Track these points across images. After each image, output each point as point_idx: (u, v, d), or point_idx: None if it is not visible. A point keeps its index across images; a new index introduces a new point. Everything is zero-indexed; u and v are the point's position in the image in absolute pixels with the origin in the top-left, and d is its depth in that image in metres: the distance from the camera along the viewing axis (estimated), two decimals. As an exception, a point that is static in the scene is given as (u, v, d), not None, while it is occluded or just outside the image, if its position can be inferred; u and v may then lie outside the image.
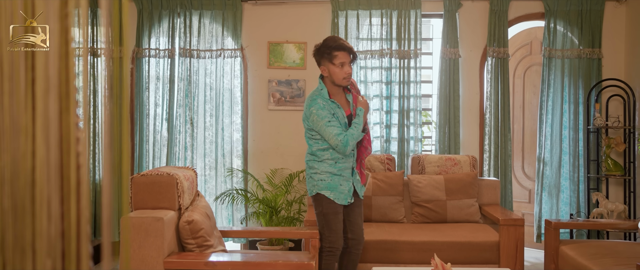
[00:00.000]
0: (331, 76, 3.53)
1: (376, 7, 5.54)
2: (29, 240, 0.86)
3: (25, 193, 0.88)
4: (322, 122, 3.47)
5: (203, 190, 5.66)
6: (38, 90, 0.94)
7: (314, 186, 3.62)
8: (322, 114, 3.47)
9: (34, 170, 0.90)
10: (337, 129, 3.46)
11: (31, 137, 0.90)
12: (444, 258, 4.31)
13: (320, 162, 3.58)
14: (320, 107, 3.48)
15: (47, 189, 0.91)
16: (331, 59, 3.48)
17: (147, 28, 5.58)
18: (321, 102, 3.51)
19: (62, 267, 0.89)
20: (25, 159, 0.90)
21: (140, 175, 3.30)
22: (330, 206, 3.57)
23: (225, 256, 3.25)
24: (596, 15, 5.48)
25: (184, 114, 5.61)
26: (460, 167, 5.08)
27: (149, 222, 3.07)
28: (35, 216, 0.89)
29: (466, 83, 5.63)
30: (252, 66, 5.68)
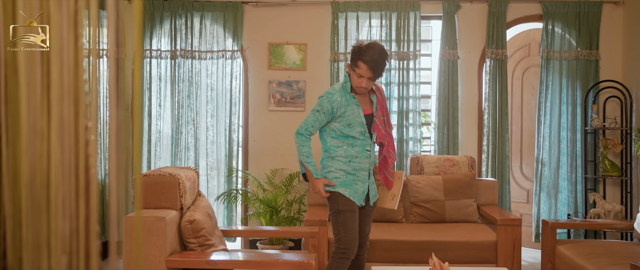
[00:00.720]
0: (352, 80, 3.45)
1: (376, 8, 5.59)
2: (44, 238, 0.91)
3: (41, 193, 0.93)
4: (315, 108, 3.46)
5: (204, 190, 5.71)
6: (53, 95, 0.99)
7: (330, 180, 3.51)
8: (324, 104, 3.43)
9: (49, 171, 0.95)
10: (311, 122, 3.45)
11: (47, 140, 0.96)
12: (442, 258, 4.35)
13: (332, 159, 3.47)
14: (330, 101, 3.42)
15: (62, 189, 0.97)
16: (354, 67, 3.39)
17: (149, 29, 5.63)
18: (338, 97, 3.43)
19: (76, 264, 0.94)
20: (41, 161, 0.95)
21: (143, 175, 3.35)
22: (347, 204, 3.44)
23: (226, 255, 3.31)
24: (594, 17, 5.53)
25: (185, 114, 5.66)
26: (459, 168, 5.13)
27: (151, 221, 3.13)
28: (50, 215, 0.94)
29: (465, 84, 5.69)
30: (252, 67, 5.73)
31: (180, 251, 3.36)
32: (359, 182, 3.49)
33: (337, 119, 3.45)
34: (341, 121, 3.45)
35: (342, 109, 3.43)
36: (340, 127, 3.45)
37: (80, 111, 1.10)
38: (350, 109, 3.44)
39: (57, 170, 0.96)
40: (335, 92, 3.46)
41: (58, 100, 1.00)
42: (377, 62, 3.32)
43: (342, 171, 3.46)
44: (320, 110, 3.44)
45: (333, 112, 3.44)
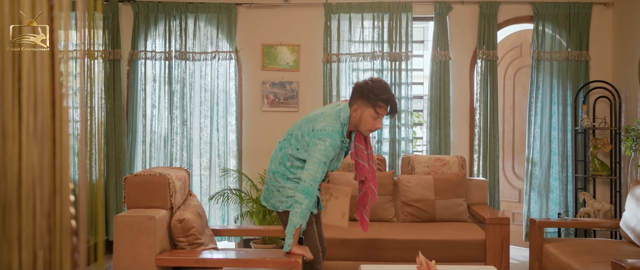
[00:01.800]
0: (360, 121, 3.14)
1: (368, 10, 5.65)
2: (15, 235, 0.96)
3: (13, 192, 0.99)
4: (320, 158, 3.06)
5: (198, 190, 5.77)
6: (23, 98, 1.05)
7: (280, 202, 3.27)
8: (330, 153, 3.09)
9: (21, 171, 1.01)
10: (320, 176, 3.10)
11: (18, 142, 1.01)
12: (432, 256, 4.41)
13: (289, 180, 3.24)
14: (334, 147, 3.10)
15: (32, 188, 1.02)
16: (375, 106, 3.09)
17: (143, 31, 5.69)
18: (338, 142, 3.13)
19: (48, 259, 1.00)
20: (12, 162, 1.01)
21: (134, 175, 3.41)
22: None
23: (215, 253, 3.36)
24: (584, 19, 5.58)
25: (180, 115, 5.72)
26: (449, 168, 5.19)
27: (141, 220, 3.18)
28: (21, 213, 0.99)
29: (456, 85, 5.74)
30: (246, 68, 5.79)
31: (170, 250, 3.42)
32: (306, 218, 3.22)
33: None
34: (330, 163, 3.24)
35: (334, 154, 3.16)
36: None
37: (60, 113, 1.16)
38: (341, 154, 3.27)
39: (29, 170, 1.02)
40: (335, 136, 3.11)
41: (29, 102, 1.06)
42: (394, 98, 3.12)
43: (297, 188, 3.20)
44: (327, 161, 3.11)
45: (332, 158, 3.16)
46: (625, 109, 5.37)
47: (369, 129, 3.17)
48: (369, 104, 3.09)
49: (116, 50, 5.66)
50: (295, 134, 3.25)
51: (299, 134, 3.22)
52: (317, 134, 3.11)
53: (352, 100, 3.17)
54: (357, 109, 3.13)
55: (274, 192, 3.29)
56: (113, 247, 3.21)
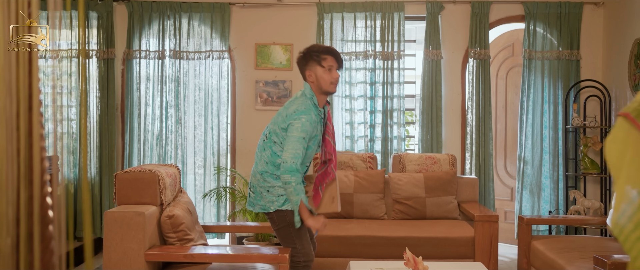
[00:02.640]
0: (318, 81, 3.26)
1: (360, 9, 5.69)
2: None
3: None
4: (299, 135, 3.13)
5: (192, 188, 5.82)
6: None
7: (271, 202, 3.27)
8: (307, 128, 3.16)
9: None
10: (301, 153, 3.14)
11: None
12: (421, 253, 4.44)
13: (278, 178, 3.25)
14: (311, 122, 3.18)
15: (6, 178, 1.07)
16: (320, 61, 3.26)
17: (137, 30, 5.74)
18: (314, 116, 3.21)
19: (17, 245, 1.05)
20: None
21: (124, 172, 3.46)
22: None
23: (204, 249, 3.41)
24: (575, 18, 5.63)
25: (174, 114, 5.77)
26: (440, 166, 5.24)
27: (130, 216, 3.23)
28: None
29: (448, 84, 5.79)
30: (239, 67, 5.84)
31: (160, 245, 3.47)
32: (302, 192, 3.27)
33: (309, 139, 3.24)
34: (310, 141, 3.25)
35: (315, 130, 3.23)
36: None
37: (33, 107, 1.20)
38: (319, 128, 3.29)
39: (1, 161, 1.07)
40: (309, 111, 3.20)
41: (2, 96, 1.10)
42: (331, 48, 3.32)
43: None
44: (306, 137, 3.16)
45: (311, 134, 3.21)
46: (616, 108, 5.42)
47: (330, 83, 3.28)
48: (315, 62, 3.28)
49: (110, 49, 5.70)
50: (272, 129, 3.31)
51: (275, 128, 3.28)
52: (291, 117, 3.19)
53: (303, 71, 3.33)
54: (311, 74, 3.29)
55: (263, 194, 3.30)
56: (103, 242, 3.25)
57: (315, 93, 3.31)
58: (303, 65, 3.33)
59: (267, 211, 3.31)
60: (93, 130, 5.72)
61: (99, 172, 5.70)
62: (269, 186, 3.28)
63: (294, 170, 3.12)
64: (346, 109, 5.76)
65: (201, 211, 5.77)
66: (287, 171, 3.12)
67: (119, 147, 5.80)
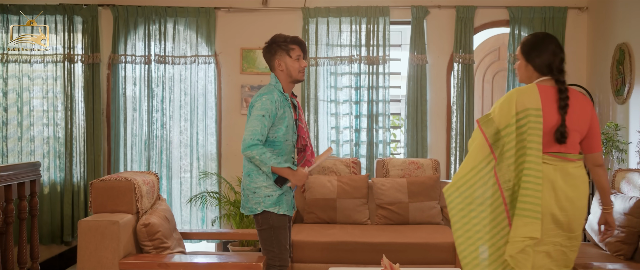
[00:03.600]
0: (288, 70, 3.33)
1: (346, 14, 5.70)
2: None
3: None
4: (258, 113, 3.19)
5: (178, 193, 5.83)
6: None
7: (258, 204, 3.28)
8: (267, 106, 3.20)
9: None
10: (260, 129, 3.17)
11: None
12: (402, 259, 4.46)
13: (263, 173, 3.27)
14: (272, 101, 3.22)
15: None
16: (288, 51, 3.33)
17: (123, 35, 5.74)
18: (277, 96, 3.26)
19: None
20: None
21: (99, 180, 3.47)
22: (280, 220, 3.32)
23: (179, 257, 3.42)
24: (559, 23, 5.63)
25: (160, 118, 5.77)
26: (423, 171, 5.24)
27: (104, 225, 3.24)
28: None
29: (433, 88, 5.79)
30: (225, 72, 5.84)
31: (136, 254, 3.48)
32: (288, 192, 3.37)
33: (277, 121, 3.27)
34: (280, 123, 3.28)
35: (281, 110, 3.27)
36: (276, 130, 3.27)
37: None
38: (287, 110, 3.31)
39: None
40: (271, 92, 3.27)
41: None
42: (297, 37, 3.39)
43: (274, 185, 3.29)
44: (266, 114, 3.19)
45: (276, 114, 3.24)
46: (599, 113, 5.43)
47: (299, 71, 3.37)
48: (284, 52, 3.34)
49: (96, 54, 5.70)
50: None
51: None
52: (254, 101, 3.29)
53: (271, 61, 3.39)
54: (280, 63, 3.35)
55: (250, 196, 3.31)
56: (77, 251, 3.26)
57: (284, 82, 3.39)
58: (271, 55, 3.39)
59: (254, 213, 3.31)
60: (79, 135, 5.72)
61: (85, 176, 5.70)
62: (255, 187, 3.29)
63: (252, 145, 3.17)
64: (332, 113, 5.77)
65: (188, 215, 5.78)
66: (247, 148, 3.17)
67: (105, 152, 5.81)
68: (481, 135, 2.83)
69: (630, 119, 4.85)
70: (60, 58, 5.70)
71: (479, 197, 2.82)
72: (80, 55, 5.71)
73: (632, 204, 3.82)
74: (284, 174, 3.25)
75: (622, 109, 4.99)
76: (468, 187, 2.83)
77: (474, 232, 2.83)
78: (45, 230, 5.64)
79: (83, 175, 5.71)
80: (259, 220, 3.33)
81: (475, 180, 2.82)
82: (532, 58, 2.93)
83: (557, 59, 2.91)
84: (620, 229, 3.87)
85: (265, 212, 3.28)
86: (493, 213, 2.82)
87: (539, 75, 2.93)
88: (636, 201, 3.81)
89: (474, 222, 2.84)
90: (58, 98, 5.73)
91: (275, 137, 3.29)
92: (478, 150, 2.82)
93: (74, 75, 5.72)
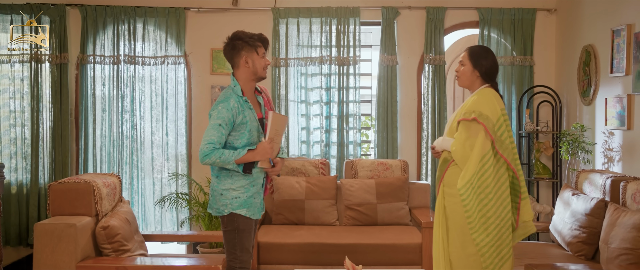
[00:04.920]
0: (255, 67, 3.27)
1: (316, 15, 5.69)
2: None
3: None
4: (214, 122, 3.15)
5: (148, 194, 5.78)
6: None
7: (225, 205, 3.25)
8: (224, 114, 3.15)
9: None
10: (217, 139, 3.14)
11: None
12: (369, 260, 4.48)
13: (231, 176, 3.24)
14: (228, 109, 3.16)
15: None
16: (256, 48, 3.27)
17: (91, 35, 5.68)
18: (234, 103, 3.19)
19: None
20: None
21: (58, 182, 3.43)
22: (247, 223, 3.27)
23: (138, 260, 3.39)
24: (528, 24, 5.67)
25: (130, 119, 5.72)
26: (392, 172, 5.25)
27: (61, 228, 3.20)
28: None
29: (404, 89, 5.80)
30: (195, 72, 5.81)
31: (95, 257, 3.44)
32: (257, 195, 3.34)
33: (237, 127, 3.21)
34: (241, 128, 3.21)
35: (240, 116, 3.20)
36: (239, 136, 3.21)
37: None
38: (247, 113, 3.24)
39: None
40: (227, 99, 3.21)
41: None
42: (262, 35, 3.33)
43: (242, 188, 3.26)
44: (222, 123, 3.15)
45: (233, 120, 3.18)
46: (566, 114, 5.48)
47: (264, 68, 3.32)
48: (252, 49, 3.26)
49: (64, 54, 5.64)
50: None
51: None
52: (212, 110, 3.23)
53: (234, 58, 3.30)
54: (247, 59, 3.27)
55: (217, 197, 3.28)
56: (33, 255, 3.22)
57: (247, 80, 3.31)
58: (236, 52, 3.28)
59: (221, 214, 3.28)
60: (46, 136, 5.65)
61: (53, 178, 5.63)
62: (223, 189, 3.25)
63: (207, 153, 3.11)
64: (302, 114, 5.76)
65: (160, 217, 5.73)
66: (204, 156, 3.12)
67: (73, 153, 5.75)
68: (483, 132, 3.14)
69: (596, 120, 4.89)
70: (27, 58, 5.63)
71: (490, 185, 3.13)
72: (47, 55, 5.64)
73: (593, 204, 3.86)
74: (247, 159, 3.18)
75: (589, 110, 5.03)
76: (479, 177, 3.11)
77: (487, 218, 3.14)
78: (13, 233, 5.55)
79: (52, 177, 5.65)
80: (225, 222, 3.29)
81: (486, 168, 3.12)
82: (480, 66, 3.30)
83: (497, 69, 3.36)
84: (581, 229, 3.91)
85: (232, 214, 3.25)
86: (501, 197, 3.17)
87: (482, 82, 3.34)
88: (597, 202, 3.85)
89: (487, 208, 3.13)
90: (25, 98, 5.66)
91: (239, 143, 3.23)
92: (482, 146, 3.12)
93: (41, 75, 5.65)
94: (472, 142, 3.16)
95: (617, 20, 4.54)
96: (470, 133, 3.17)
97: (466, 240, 3.18)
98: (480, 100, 3.23)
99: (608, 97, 4.65)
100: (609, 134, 4.64)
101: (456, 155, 3.21)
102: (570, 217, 4.08)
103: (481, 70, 3.31)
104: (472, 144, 3.15)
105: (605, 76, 4.71)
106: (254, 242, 3.56)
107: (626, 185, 3.67)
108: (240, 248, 3.28)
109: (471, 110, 3.20)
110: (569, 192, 4.26)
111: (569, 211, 4.12)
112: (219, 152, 3.13)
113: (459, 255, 3.22)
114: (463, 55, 3.41)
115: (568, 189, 4.35)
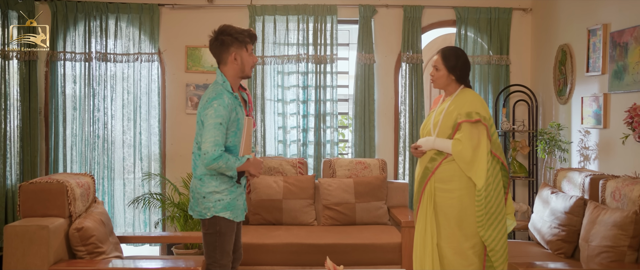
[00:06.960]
0: (243, 64, 3.18)
1: (293, 12, 5.63)
2: None
3: None
4: (214, 121, 3.02)
5: (122, 194, 5.65)
6: None
7: (207, 208, 3.16)
8: (221, 112, 3.04)
9: None
10: (221, 139, 3.04)
11: None
12: (348, 260, 4.43)
13: (215, 176, 3.15)
14: (225, 106, 3.06)
15: None
16: (245, 45, 3.18)
17: (62, 31, 5.52)
18: (227, 99, 3.09)
19: None
20: None
21: (29, 183, 3.31)
22: (229, 226, 3.19)
23: (113, 263, 3.28)
24: (504, 23, 5.69)
25: (101, 117, 5.58)
26: (370, 171, 5.22)
27: (33, 230, 3.08)
28: None
29: (381, 88, 5.78)
30: (169, 70, 5.70)
31: (69, 260, 3.32)
32: (240, 197, 3.26)
33: (230, 125, 3.11)
34: (234, 127, 3.13)
35: (233, 114, 3.12)
36: (231, 134, 3.13)
37: None
38: (239, 111, 3.17)
39: None
40: (221, 95, 3.10)
41: None
42: (253, 31, 3.26)
43: (226, 190, 3.18)
44: (222, 121, 3.05)
45: (229, 118, 3.09)
46: (542, 113, 5.51)
47: (251, 66, 3.25)
48: (241, 46, 3.17)
49: (32, 51, 5.47)
50: (197, 131, 3.19)
51: (198, 128, 3.18)
52: (204, 108, 3.10)
53: (222, 54, 3.19)
54: (236, 56, 3.17)
55: (200, 200, 3.18)
56: (3, 259, 3.09)
57: (234, 77, 3.22)
58: (225, 48, 3.17)
59: (203, 217, 3.18)
60: (13, 135, 5.47)
61: (21, 179, 5.45)
62: (206, 192, 3.15)
63: (216, 157, 3.01)
64: (278, 113, 5.69)
65: (131, 218, 5.60)
66: (212, 160, 3.01)
67: (43, 153, 5.58)
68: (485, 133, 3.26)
69: (572, 119, 4.93)
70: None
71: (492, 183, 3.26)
72: (15, 51, 5.46)
73: (573, 202, 3.87)
74: (244, 168, 3.18)
75: (565, 109, 5.07)
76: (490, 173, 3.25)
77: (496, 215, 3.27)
78: (-20, 236, 5.36)
79: (20, 177, 5.47)
80: (206, 224, 3.20)
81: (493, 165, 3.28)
82: (455, 69, 3.37)
83: (470, 68, 3.47)
84: (561, 228, 3.93)
85: (215, 217, 3.16)
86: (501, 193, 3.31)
87: (458, 84, 3.41)
88: (576, 200, 3.87)
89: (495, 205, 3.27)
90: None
91: (230, 142, 3.16)
92: (486, 146, 3.25)
93: (8, 72, 5.47)
94: (477, 143, 3.25)
95: (593, 19, 4.58)
96: (474, 134, 3.26)
97: (467, 234, 3.26)
98: (475, 102, 3.33)
99: (584, 96, 4.68)
100: (585, 133, 4.68)
101: (461, 157, 3.26)
102: (549, 215, 4.09)
103: (456, 74, 3.40)
104: (477, 145, 3.25)
105: (581, 75, 4.75)
106: (241, 243, 3.47)
107: (606, 183, 3.69)
108: (220, 251, 3.19)
109: (473, 112, 3.27)
110: (548, 190, 4.28)
111: (548, 209, 4.13)
112: (225, 158, 3.05)
113: (456, 250, 3.27)
114: (436, 59, 3.44)
115: (547, 187, 4.37)
